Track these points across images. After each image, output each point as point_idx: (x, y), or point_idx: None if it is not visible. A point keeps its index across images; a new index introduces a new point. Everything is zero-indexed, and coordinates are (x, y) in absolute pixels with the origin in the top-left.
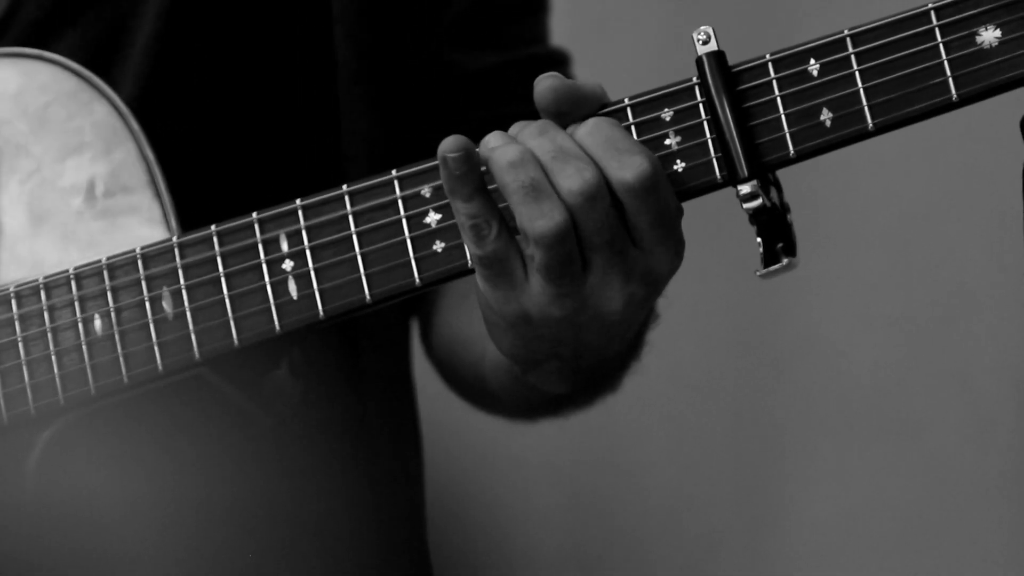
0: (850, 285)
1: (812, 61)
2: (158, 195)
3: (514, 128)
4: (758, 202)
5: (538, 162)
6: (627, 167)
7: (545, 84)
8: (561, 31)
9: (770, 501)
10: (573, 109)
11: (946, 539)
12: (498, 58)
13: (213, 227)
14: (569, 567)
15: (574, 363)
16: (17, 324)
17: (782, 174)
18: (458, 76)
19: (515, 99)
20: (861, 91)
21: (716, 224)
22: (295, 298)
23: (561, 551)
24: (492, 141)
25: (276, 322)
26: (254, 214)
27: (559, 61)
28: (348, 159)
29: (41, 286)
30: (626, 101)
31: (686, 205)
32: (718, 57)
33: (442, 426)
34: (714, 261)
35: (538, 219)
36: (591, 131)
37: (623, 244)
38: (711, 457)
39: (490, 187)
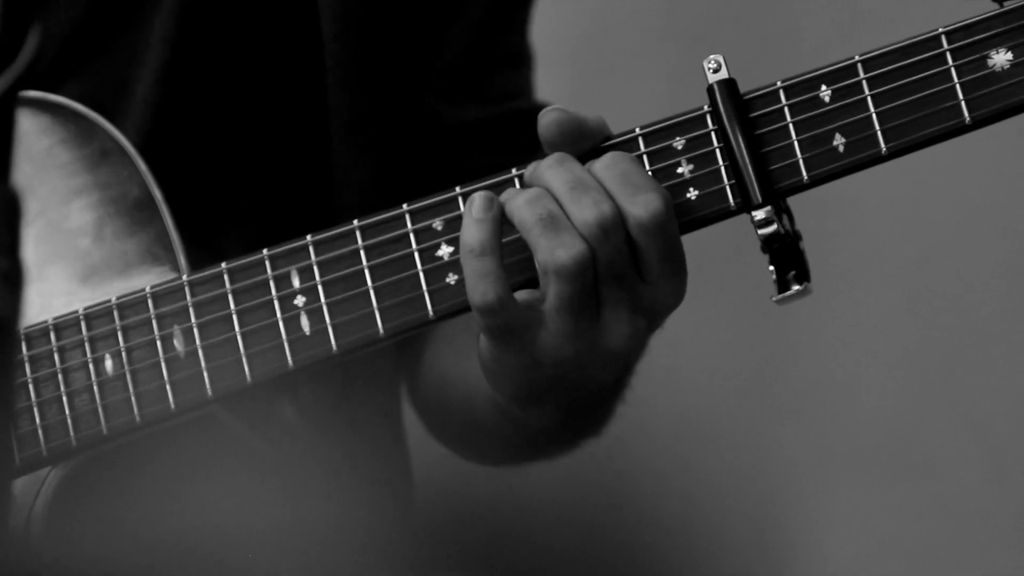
0: (864, 320)
1: (823, 87)
2: (167, 234)
3: (531, 165)
4: (773, 228)
5: (554, 197)
6: (640, 204)
7: (550, 117)
8: (575, 62)
9: (781, 543)
10: (577, 142)
11: None
12: (482, 112)
13: (224, 264)
14: None
15: (572, 394)
16: (27, 366)
17: (797, 205)
18: (443, 128)
19: (498, 152)
20: (873, 116)
21: (727, 254)
22: (308, 334)
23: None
24: (510, 191)
25: (289, 358)
26: (264, 251)
27: None
28: (340, 209)
29: (51, 327)
30: (637, 131)
31: (698, 234)
32: (729, 85)
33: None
34: (721, 294)
35: (558, 249)
36: (608, 165)
37: (632, 279)
38: (722, 498)
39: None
